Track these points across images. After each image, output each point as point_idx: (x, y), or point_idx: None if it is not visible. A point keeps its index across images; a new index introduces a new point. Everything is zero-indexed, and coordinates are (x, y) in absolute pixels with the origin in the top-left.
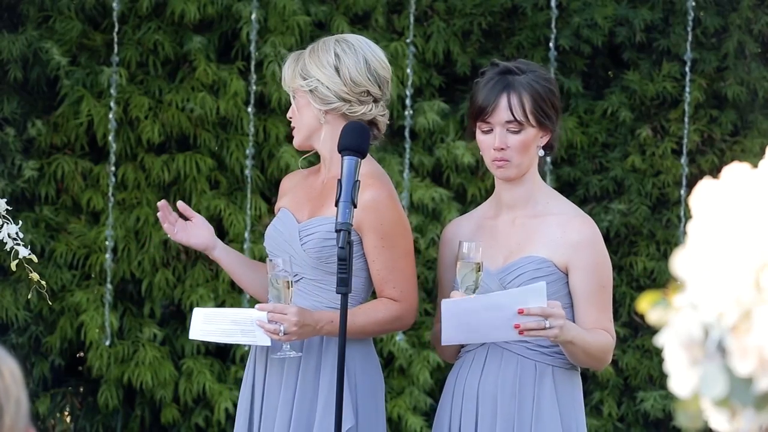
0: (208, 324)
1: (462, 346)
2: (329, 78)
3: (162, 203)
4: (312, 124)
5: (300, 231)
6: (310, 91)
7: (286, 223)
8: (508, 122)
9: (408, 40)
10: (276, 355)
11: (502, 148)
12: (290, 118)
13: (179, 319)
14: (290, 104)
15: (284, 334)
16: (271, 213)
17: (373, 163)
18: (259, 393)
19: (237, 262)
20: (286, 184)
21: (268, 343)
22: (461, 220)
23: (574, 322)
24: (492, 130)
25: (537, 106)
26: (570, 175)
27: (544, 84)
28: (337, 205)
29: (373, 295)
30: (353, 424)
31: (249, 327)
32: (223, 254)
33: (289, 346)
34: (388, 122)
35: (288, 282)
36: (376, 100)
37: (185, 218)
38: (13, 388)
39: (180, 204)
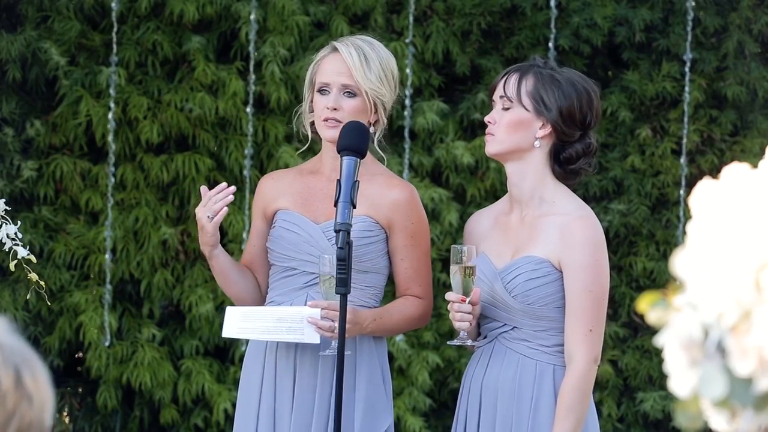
0: (246, 322)
1: (476, 339)
2: (392, 98)
3: (204, 190)
4: None
5: (325, 232)
6: (381, 102)
7: (301, 225)
8: (501, 97)
9: (407, 40)
10: (325, 352)
11: (490, 122)
12: (334, 108)
13: (178, 319)
14: (310, 96)
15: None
16: None
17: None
18: (287, 394)
19: (230, 265)
20: (276, 185)
21: (317, 341)
22: (482, 213)
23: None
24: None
25: (535, 91)
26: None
27: (560, 80)
28: (336, 205)
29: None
30: (391, 421)
31: (297, 324)
32: (221, 256)
33: (335, 344)
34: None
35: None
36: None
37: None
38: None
39: (203, 189)
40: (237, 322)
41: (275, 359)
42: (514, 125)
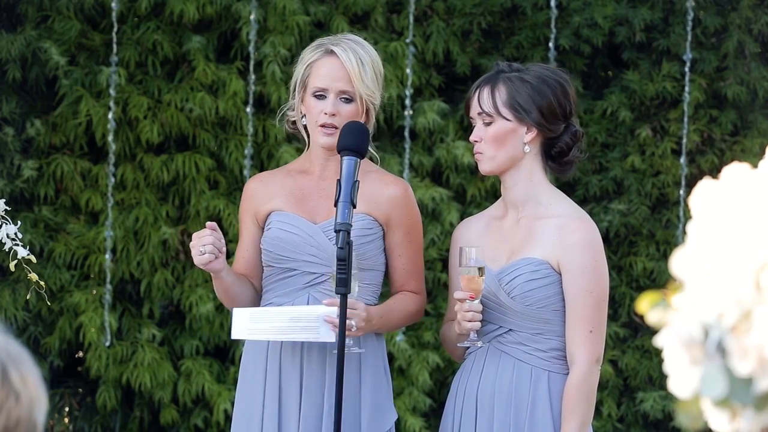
0: (256, 323)
1: (467, 347)
2: (380, 99)
3: (211, 225)
4: None
5: (324, 231)
6: (373, 105)
7: (300, 225)
8: (480, 114)
9: (407, 40)
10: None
11: (476, 141)
12: (333, 114)
13: (178, 319)
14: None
15: (355, 329)
16: None
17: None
18: (294, 396)
19: (233, 281)
20: (266, 187)
21: (333, 339)
22: (471, 220)
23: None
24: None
25: (511, 99)
26: (569, 175)
27: (531, 80)
28: (336, 205)
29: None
30: (396, 416)
31: (312, 323)
32: (228, 276)
33: (352, 342)
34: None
35: (354, 275)
36: None
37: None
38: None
39: (210, 224)
40: (246, 323)
41: (279, 361)
42: (500, 138)
